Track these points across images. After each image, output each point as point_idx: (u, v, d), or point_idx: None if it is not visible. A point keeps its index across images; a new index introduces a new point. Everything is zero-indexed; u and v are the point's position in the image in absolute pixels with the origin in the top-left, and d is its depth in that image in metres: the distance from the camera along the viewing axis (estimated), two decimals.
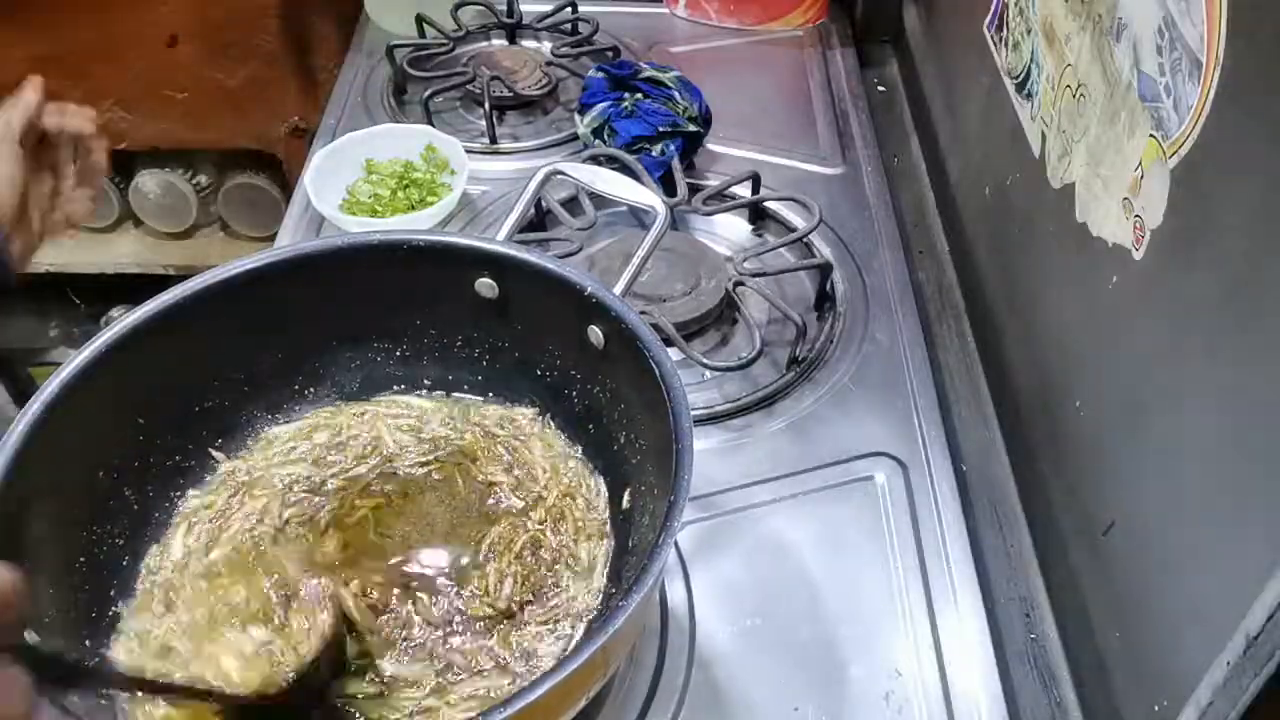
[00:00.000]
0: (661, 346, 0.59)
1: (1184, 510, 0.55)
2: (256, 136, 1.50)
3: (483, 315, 0.69)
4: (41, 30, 1.37)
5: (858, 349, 0.85)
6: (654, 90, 1.01)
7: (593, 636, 0.47)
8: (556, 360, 0.69)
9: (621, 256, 0.89)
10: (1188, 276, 0.55)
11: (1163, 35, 0.57)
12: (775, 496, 0.75)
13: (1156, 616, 0.58)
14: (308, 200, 0.94)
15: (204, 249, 1.62)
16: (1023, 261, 0.82)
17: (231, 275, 0.64)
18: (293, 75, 1.44)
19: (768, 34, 1.25)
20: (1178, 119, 0.56)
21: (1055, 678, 0.69)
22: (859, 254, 0.94)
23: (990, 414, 0.85)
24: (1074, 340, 0.71)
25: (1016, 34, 0.84)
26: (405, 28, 1.19)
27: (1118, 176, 0.63)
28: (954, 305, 0.95)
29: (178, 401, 0.65)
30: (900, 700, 0.64)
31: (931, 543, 0.72)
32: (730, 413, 0.80)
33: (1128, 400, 0.62)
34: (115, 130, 1.48)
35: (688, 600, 0.69)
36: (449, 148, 0.99)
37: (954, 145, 1.03)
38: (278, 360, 0.70)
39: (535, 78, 1.13)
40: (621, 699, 0.64)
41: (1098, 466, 0.66)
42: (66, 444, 0.57)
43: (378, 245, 0.67)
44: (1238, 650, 0.47)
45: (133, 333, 0.60)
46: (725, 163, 1.04)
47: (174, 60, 1.41)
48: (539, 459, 0.70)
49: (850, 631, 0.67)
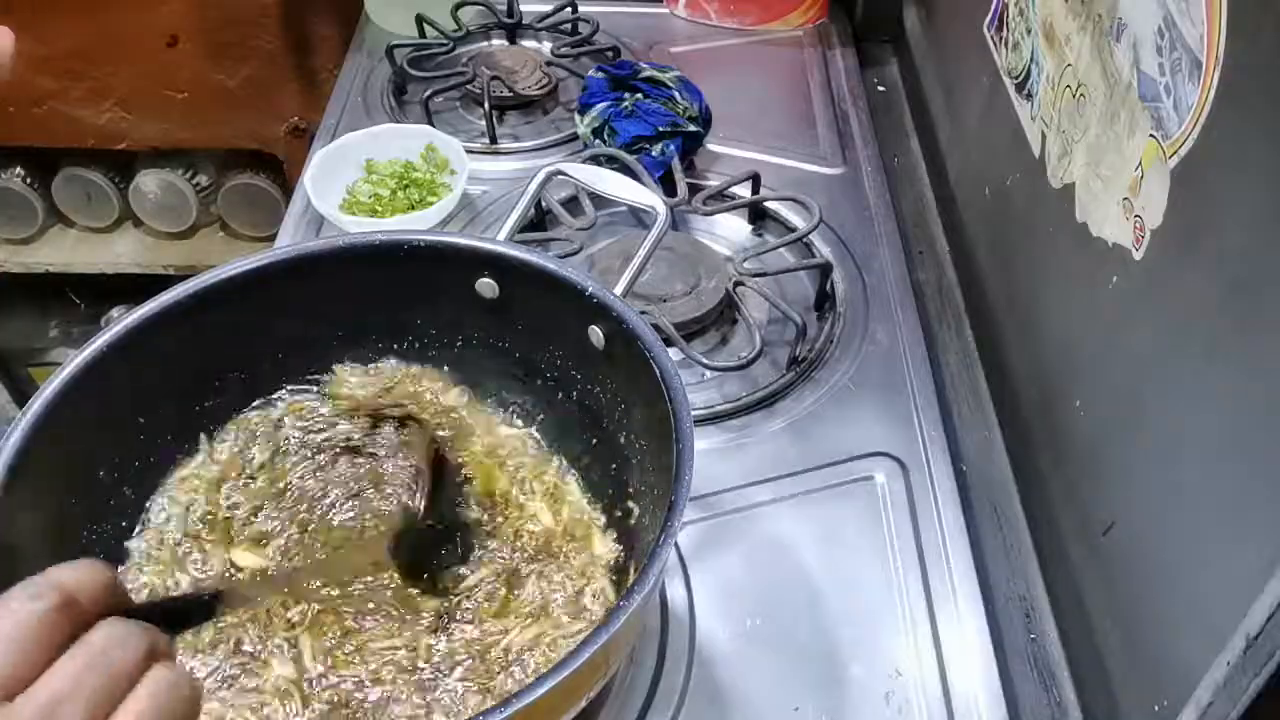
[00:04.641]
0: (662, 346, 0.58)
1: (1184, 510, 0.55)
2: (256, 136, 1.50)
3: (483, 315, 0.69)
4: (41, 30, 1.37)
5: (858, 349, 0.85)
6: (654, 90, 1.01)
7: (593, 636, 0.47)
8: (557, 360, 0.69)
9: (622, 256, 0.89)
10: (1188, 276, 0.55)
11: (1163, 35, 0.57)
12: (775, 496, 0.75)
13: (1156, 616, 0.58)
14: (308, 200, 0.94)
15: (204, 249, 1.62)
16: (1023, 261, 0.82)
17: (231, 275, 0.64)
18: (293, 75, 1.44)
19: (768, 34, 1.25)
20: (1178, 119, 0.56)
21: (1055, 678, 0.69)
22: (859, 254, 0.94)
23: (990, 414, 0.85)
24: (1074, 340, 0.71)
25: (1016, 34, 0.84)
26: (405, 28, 1.19)
27: (1118, 176, 0.63)
28: (954, 305, 0.95)
29: (178, 401, 0.65)
30: (900, 700, 0.64)
31: (931, 543, 0.72)
32: (730, 413, 0.80)
33: (1128, 400, 0.62)
34: (115, 130, 1.48)
35: (688, 600, 0.69)
36: (449, 148, 0.99)
37: (954, 145, 1.03)
38: (277, 360, 0.69)
39: (535, 78, 1.13)
40: (621, 699, 0.64)
41: (1098, 466, 0.66)
42: (66, 444, 0.57)
43: (378, 245, 0.67)
44: (1238, 650, 0.47)
45: (133, 333, 0.60)
46: (725, 163, 1.04)
47: (174, 60, 1.41)
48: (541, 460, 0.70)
49: (850, 631, 0.67)
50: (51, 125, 1.47)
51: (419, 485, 0.65)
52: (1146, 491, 0.60)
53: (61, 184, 1.56)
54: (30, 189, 1.56)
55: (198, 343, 0.64)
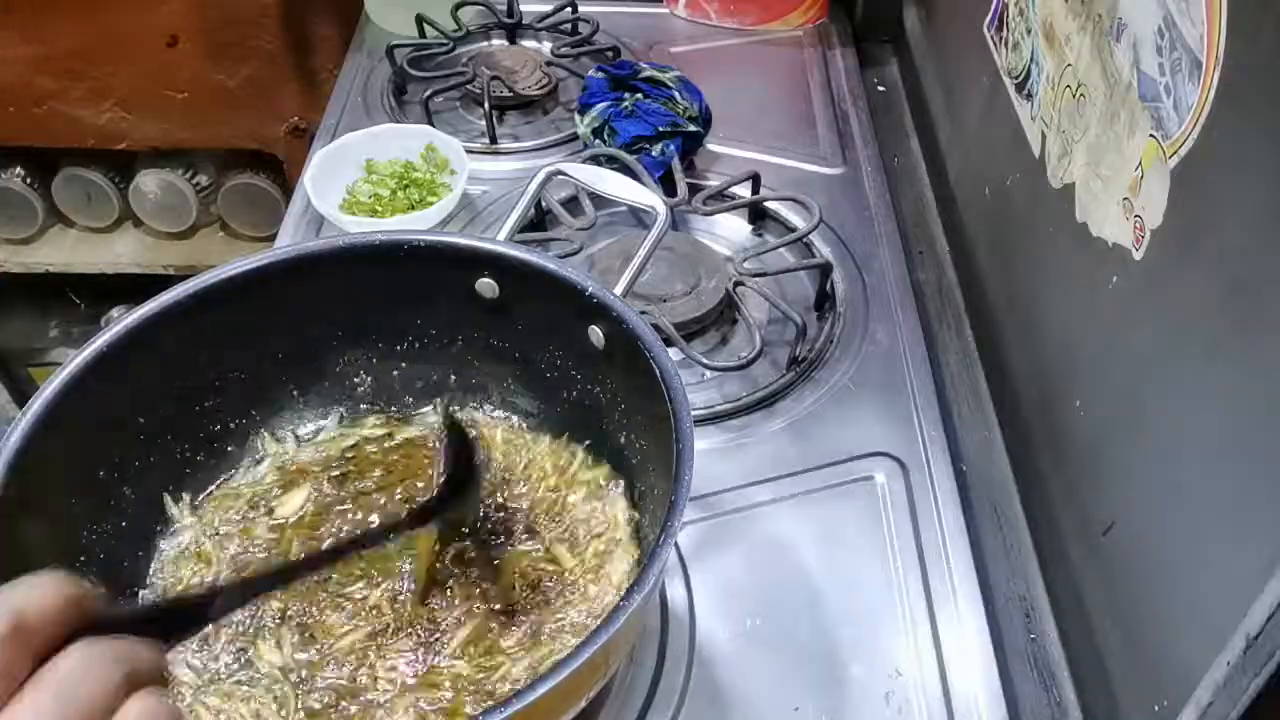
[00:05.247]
0: (662, 346, 0.58)
1: (1184, 510, 0.55)
2: (256, 136, 1.50)
3: (483, 315, 0.69)
4: (41, 30, 1.37)
5: (858, 349, 0.85)
6: (654, 90, 1.01)
7: (593, 636, 0.47)
8: (557, 360, 0.69)
9: (622, 256, 0.89)
10: (1188, 276, 0.55)
11: (1163, 35, 0.57)
12: (775, 496, 0.75)
13: (1156, 616, 0.58)
14: (308, 200, 0.94)
15: (204, 249, 1.62)
16: (1023, 261, 0.82)
17: (231, 275, 0.64)
18: (293, 75, 1.44)
19: (768, 34, 1.25)
20: (1178, 119, 0.56)
21: (1055, 678, 0.69)
22: (859, 254, 0.94)
23: (990, 414, 0.85)
24: (1074, 340, 0.71)
25: (1016, 34, 0.84)
26: (405, 28, 1.19)
27: (1118, 176, 0.63)
28: (954, 305, 0.95)
29: (178, 401, 0.65)
30: (900, 700, 0.64)
31: (931, 543, 0.72)
32: (730, 413, 0.80)
33: (1128, 400, 0.62)
34: (115, 130, 1.48)
35: (688, 600, 0.69)
36: (449, 148, 0.99)
37: (954, 145, 1.03)
38: (278, 360, 0.69)
39: (535, 78, 1.13)
40: (621, 699, 0.64)
41: (1098, 466, 0.66)
42: (67, 443, 0.57)
43: (378, 245, 0.66)
44: (1238, 650, 0.47)
45: (133, 333, 0.60)
46: (725, 163, 1.04)
47: (174, 60, 1.41)
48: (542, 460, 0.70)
49: (850, 631, 0.67)
50: (51, 125, 1.47)
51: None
52: (1146, 491, 0.60)
53: (61, 184, 1.56)
54: (30, 189, 1.56)
55: (198, 343, 0.64)
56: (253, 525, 0.66)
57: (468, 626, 0.61)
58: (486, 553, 0.64)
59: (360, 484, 0.68)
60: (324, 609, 0.62)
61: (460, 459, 0.61)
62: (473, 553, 0.64)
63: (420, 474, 0.69)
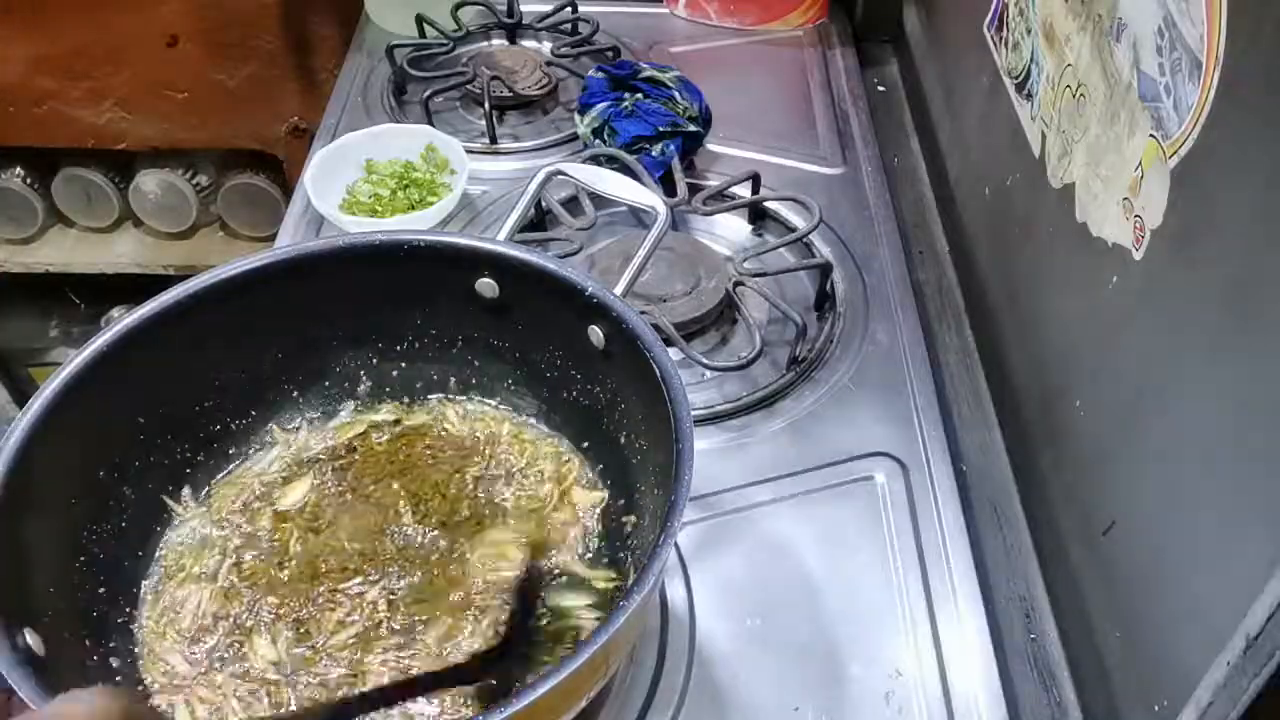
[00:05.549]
0: (662, 346, 0.58)
1: (1184, 510, 0.55)
2: (256, 136, 1.50)
3: (483, 315, 0.69)
4: (41, 30, 1.37)
5: (858, 349, 0.85)
6: (654, 90, 1.01)
7: (593, 636, 0.47)
8: (557, 360, 0.69)
9: (622, 256, 0.89)
10: (1188, 276, 0.55)
11: (1163, 35, 0.57)
12: (775, 496, 0.75)
13: (1156, 616, 0.58)
14: (308, 200, 0.94)
15: (204, 249, 1.63)
16: (1023, 261, 0.82)
17: (231, 275, 0.64)
18: (293, 75, 1.44)
19: (768, 34, 1.25)
20: (1178, 119, 0.56)
21: (1055, 678, 0.69)
22: (859, 254, 0.94)
23: (990, 414, 0.85)
24: (1074, 340, 0.71)
25: (1016, 34, 0.84)
26: (405, 28, 1.19)
27: (1118, 176, 0.63)
28: (954, 305, 0.95)
29: (178, 401, 0.65)
30: (900, 700, 0.64)
31: (931, 543, 0.72)
32: (730, 413, 0.80)
33: (1128, 400, 0.62)
34: (115, 130, 1.48)
35: (688, 600, 0.69)
36: (449, 148, 0.99)
37: (954, 145, 1.03)
38: (277, 360, 0.70)
39: (535, 78, 1.13)
40: (621, 699, 0.64)
41: (1098, 466, 0.66)
42: (67, 443, 0.57)
43: (378, 245, 0.67)
44: (1238, 650, 0.47)
45: (132, 333, 0.60)
46: (725, 163, 1.04)
47: (174, 60, 1.41)
48: (541, 460, 0.70)
49: (850, 631, 0.67)
50: (51, 125, 1.47)
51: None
52: (1146, 491, 0.60)
53: (61, 184, 1.56)
54: (30, 189, 1.56)
55: (198, 343, 0.64)
56: (258, 514, 0.67)
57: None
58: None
59: (362, 479, 0.69)
60: (322, 608, 0.62)
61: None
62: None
63: (420, 466, 0.69)
